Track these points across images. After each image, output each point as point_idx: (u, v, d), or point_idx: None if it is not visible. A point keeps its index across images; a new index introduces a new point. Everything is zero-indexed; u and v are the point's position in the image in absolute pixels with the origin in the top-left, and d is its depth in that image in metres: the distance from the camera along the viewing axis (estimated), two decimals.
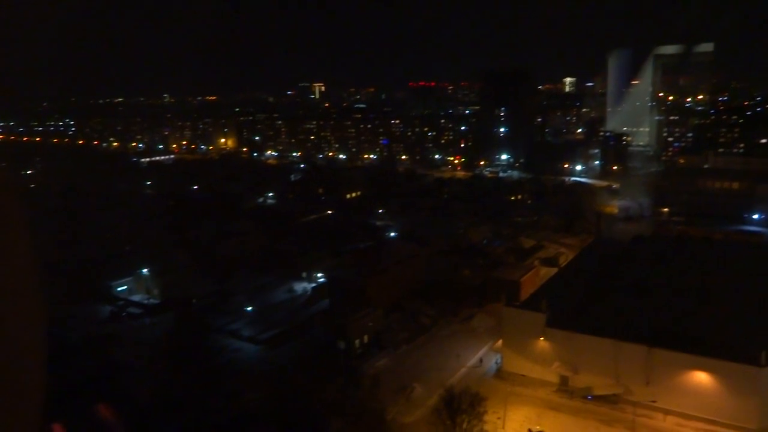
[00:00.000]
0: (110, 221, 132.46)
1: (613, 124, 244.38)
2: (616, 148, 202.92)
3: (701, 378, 53.99)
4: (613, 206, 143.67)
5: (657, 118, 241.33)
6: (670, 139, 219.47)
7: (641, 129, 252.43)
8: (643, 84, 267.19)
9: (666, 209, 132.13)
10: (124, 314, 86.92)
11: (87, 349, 66.23)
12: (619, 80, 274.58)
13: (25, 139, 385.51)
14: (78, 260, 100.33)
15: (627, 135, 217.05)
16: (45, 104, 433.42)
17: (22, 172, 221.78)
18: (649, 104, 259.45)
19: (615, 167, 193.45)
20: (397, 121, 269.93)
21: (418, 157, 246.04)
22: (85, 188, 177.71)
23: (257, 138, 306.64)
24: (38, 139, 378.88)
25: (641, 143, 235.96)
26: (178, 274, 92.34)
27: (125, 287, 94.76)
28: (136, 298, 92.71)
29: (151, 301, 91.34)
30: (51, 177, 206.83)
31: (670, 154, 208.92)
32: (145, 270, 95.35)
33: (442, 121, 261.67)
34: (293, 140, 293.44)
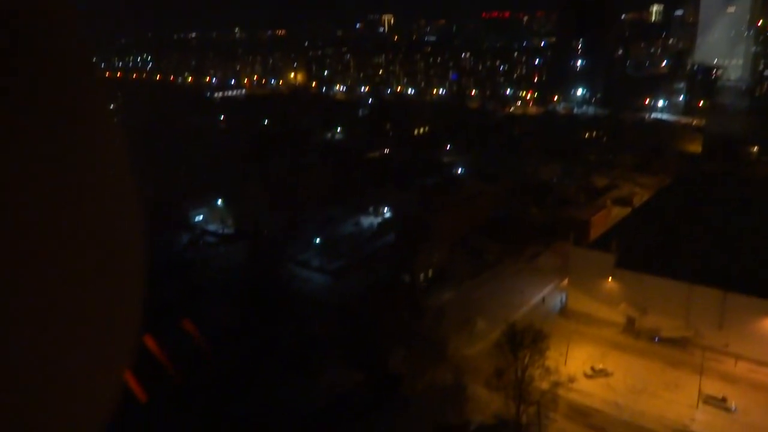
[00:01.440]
0: (186, 154, 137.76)
1: (702, 56, 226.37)
2: (703, 82, 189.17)
3: None
4: (697, 144, 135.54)
5: (753, 49, 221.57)
6: (767, 72, 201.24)
7: (734, 62, 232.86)
8: (740, 11, 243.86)
9: (755, 148, 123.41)
10: (200, 242, 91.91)
11: (169, 274, 70.63)
12: (713, 7, 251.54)
13: (107, 74, 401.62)
14: (157, 191, 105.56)
15: (717, 68, 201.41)
16: (123, 40, 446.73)
17: None
18: (746, 34, 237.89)
19: (701, 103, 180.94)
20: (468, 55, 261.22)
21: (488, 93, 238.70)
22: (163, 123, 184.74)
23: (326, 72, 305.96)
24: (119, 75, 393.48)
25: (733, 77, 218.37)
26: (250, 206, 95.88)
27: (201, 217, 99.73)
28: (211, 227, 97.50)
29: (226, 230, 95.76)
30: (131, 112, 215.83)
31: (765, 89, 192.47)
32: (219, 201, 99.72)
33: (515, 54, 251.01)
34: (361, 75, 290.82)
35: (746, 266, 57.82)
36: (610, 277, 61.85)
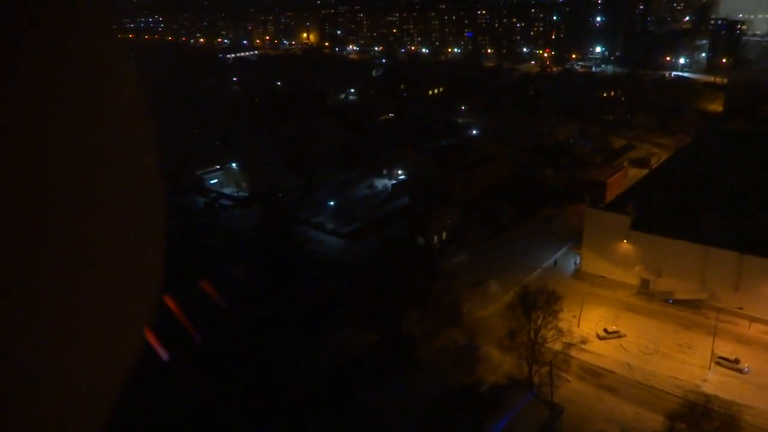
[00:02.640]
0: (200, 117, 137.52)
1: (726, 11, 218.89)
2: (727, 38, 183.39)
3: None
4: (718, 103, 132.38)
5: None
6: None
7: (760, 16, 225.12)
8: None
9: None
10: (216, 206, 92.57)
11: (186, 236, 71.49)
12: None
13: (119, 36, 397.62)
14: (172, 154, 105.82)
15: (742, 23, 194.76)
16: (134, 0, 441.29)
17: None
18: None
19: (724, 60, 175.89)
20: (484, 12, 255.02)
21: (504, 51, 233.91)
22: (176, 85, 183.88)
23: (339, 32, 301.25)
24: (131, 36, 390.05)
25: (758, 32, 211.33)
26: (265, 169, 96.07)
27: (216, 180, 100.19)
28: (226, 190, 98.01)
29: (241, 193, 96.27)
30: (144, 73, 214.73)
31: None
32: (234, 164, 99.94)
33: (532, 10, 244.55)
34: (375, 34, 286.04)
35: (765, 228, 57.07)
36: (626, 239, 61.54)
